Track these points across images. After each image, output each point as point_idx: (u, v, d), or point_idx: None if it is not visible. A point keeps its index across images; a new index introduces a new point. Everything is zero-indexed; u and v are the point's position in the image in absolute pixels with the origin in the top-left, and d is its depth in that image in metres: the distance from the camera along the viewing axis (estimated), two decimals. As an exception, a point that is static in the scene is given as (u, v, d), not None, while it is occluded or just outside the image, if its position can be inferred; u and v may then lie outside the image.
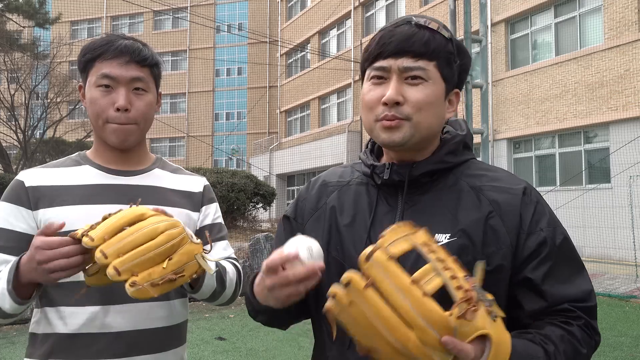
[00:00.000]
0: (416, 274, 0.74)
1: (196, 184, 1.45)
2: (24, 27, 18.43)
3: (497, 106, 14.21)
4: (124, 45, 1.26)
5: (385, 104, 0.97)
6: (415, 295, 0.71)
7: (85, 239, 0.98)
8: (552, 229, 0.98)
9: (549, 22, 13.25)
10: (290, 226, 1.17)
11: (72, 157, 1.36)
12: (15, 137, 19.15)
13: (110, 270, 0.95)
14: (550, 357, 0.87)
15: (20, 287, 1.10)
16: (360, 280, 0.74)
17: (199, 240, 1.08)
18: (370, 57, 1.01)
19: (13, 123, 19.26)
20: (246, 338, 5.61)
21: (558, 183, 12.45)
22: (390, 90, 0.96)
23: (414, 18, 1.00)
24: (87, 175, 1.30)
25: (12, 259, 1.18)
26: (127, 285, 0.96)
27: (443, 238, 0.95)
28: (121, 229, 1.00)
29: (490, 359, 0.74)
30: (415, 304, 0.71)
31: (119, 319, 1.22)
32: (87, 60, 1.27)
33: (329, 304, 0.77)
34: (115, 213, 1.04)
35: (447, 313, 0.72)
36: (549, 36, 13.34)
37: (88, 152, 1.37)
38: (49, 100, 19.97)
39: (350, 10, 20.82)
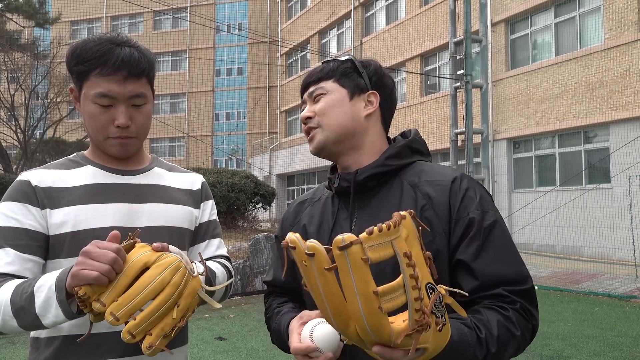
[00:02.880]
0: (383, 288, 0.73)
1: (195, 181, 1.46)
2: (24, 27, 18.42)
3: (497, 106, 14.21)
4: (120, 58, 1.19)
5: (304, 122, 1.22)
6: (371, 307, 0.71)
7: (96, 305, 0.97)
8: (480, 212, 1.06)
9: (549, 22, 13.26)
10: (280, 245, 1.29)
11: (70, 159, 1.35)
12: (15, 137, 19.15)
13: (125, 335, 0.97)
14: (482, 343, 0.93)
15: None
16: (324, 260, 0.73)
17: (195, 273, 1.08)
18: (301, 95, 1.28)
19: (13, 123, 19.26)
20: (246, 338, 5.60)
21: (558, 183, 12.45)
22: (304, 111, 1.23)
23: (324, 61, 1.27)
24: (90, 175, 1.29)
25: (28, 257, 1.18)
26: (144, 348, 0.99)
27: None
28: (129, 285, 0.99)
29: None
30: (368, 314, 0.71)
31: None
32: (81, 72, 1.21)
33: (289, 240, 0.78)
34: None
35: (397, 329, 0.73)
36: (549, 36, 13.34)
37: (86, 153, 1.36)
38: (49, 100, 19.97)
39: (350, 10, 20.82)
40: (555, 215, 11.84)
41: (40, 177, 1.25)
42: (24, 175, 1.26)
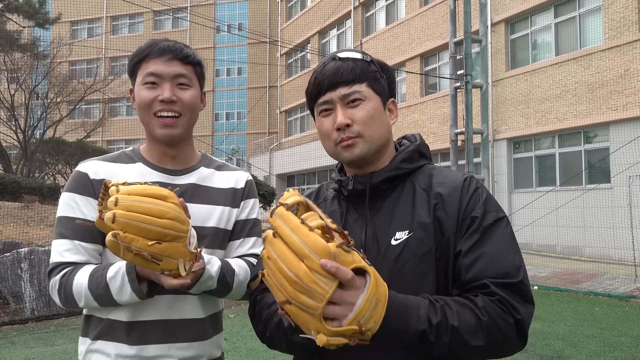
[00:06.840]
0: (303, 215, 0.89)
1: (239, 180, 1.52)
2: (24, 27, 18.43)
3: (497, 106, 14.21)
4: (166, 45, 1.36)
5: (338, 129, 1.13)
6: (302, 231, 0.84)
7: (112, 188, 1.06)
8: (482, 211, 1.09)
9: (549, 22, 13.26)
10: None
11: (126, 152, 1.45)
12: (15, 137, 19.13)
13: (108, 215, 1.02)
14: (436, 307, 0.96)
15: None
16: (270, 233, 0.88)
17: (195, 250, 1.13)
18: (312, 96, 1.19)
19: (13, 123, 19.24)
20: (246, 338, 5.60)
21: (558, 183, 12.45)
22: (338, 117, 1.13)
23: (337, 54, 1.18)
24: (139, 173, 1.39)
25: (90, 246, 1.32)
26: (109, 235, 1.02)
27: (404, 235, 1.10)
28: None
29: (372, 287, 0.86)
30: (303, 237, 0.84)
31: (157, 308, 1.32)
32: (135, 63, 1.38)
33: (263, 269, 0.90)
34: (150, 184, 1.12)
35: (330, 243, 0.85)
36: (549, 36, 13.34)
37: (141, 148, 1.46)
38: (49, 100, 19.95)
39: (350, 10, 20.82)
40: (555, 215, 11.84)
41: (96, 169, 1.37)
42: (82, 167, 1.38)
